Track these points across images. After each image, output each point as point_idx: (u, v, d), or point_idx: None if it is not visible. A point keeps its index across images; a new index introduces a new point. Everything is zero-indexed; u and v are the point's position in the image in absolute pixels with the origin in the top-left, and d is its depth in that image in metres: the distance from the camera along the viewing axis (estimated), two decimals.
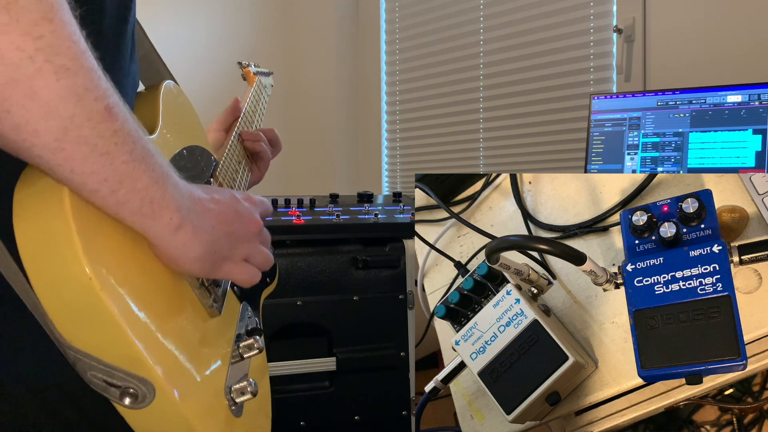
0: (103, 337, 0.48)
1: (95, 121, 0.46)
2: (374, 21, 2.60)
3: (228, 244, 0.59)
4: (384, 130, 2.60)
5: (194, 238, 0.54)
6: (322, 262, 1.48)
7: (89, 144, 0.46)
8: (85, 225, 0.48)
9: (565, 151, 2.01)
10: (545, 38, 2.04)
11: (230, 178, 0.81)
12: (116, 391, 0.49)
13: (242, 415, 0.63)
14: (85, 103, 0.45)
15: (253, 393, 0.62)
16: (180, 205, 0.52)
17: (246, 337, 0.69)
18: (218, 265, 0.58)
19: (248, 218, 0.62)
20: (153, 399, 0.50)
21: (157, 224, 0.51)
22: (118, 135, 0.47)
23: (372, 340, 1.51)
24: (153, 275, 0.54)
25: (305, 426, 1.46)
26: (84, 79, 0.45)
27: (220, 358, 0.62)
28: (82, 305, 0.47)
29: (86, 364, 0.48)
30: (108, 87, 0.48)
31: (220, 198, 0.59)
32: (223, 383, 0.61)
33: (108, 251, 0.49)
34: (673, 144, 1.52)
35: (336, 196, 1.72)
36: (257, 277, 0.63)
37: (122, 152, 0.48)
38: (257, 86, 1.10)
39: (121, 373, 0.49)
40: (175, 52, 2.32)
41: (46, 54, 0.43)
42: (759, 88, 1.41)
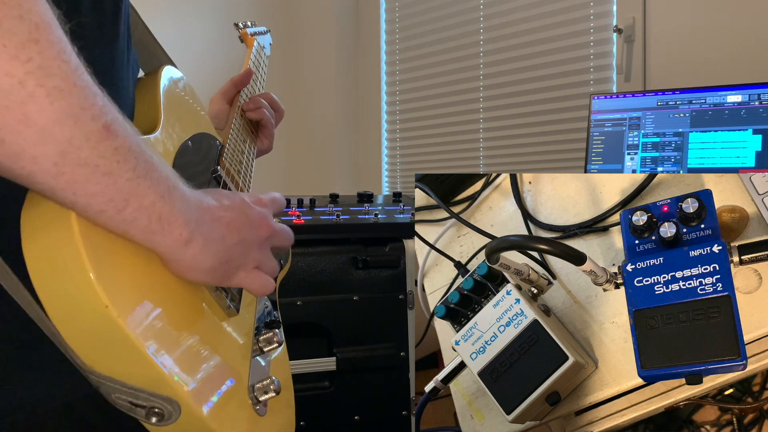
0: (125, 362, 0.48)
1: (94, 141, 0.45)
2: (374, 21, 2.60)
3: (240, 252, 0.58)
4: (384, 130, 2.60)
5: (205, 250, 0.53)
6: (322, 262, 1.48)
7: (90, 165, 0.44)
8: (95, 249, 0.47)
9: (565, 151, 2.01)
10: (545, 38, 2.04)
11: (236, 160, 0.80)
12: (142, 411, 0.49)
13: (266, 413, 0.63)
14: (82, 123, 0.44)
15: (276, 391, 0.62)
16: (189, 218, 0.51)
17: (265, 330, 0.69)
18: (231, 274, 0.58)
19: (259, 223, 0.61)
20: (179, 416, 0.50)
21: (166, 240, 0.50)
22: (119, 153, 0.46)
23: (372, 340, 1.51)
24: (168, 289, 0.53)
25: (305, 426, 1.46)
26: (78, 98, 0.44)
27: (240, 357, 0.62)
28: (100, 333, 0.46)
29: (110, 388, 0.48)
30: (105, 104, 0.46)
31: (230, 204, 0.58)
32: (246, 384, 0.61)
33: (120, 273, 0.48)
34: (673, 144, 1.52)
35: (336, 196, 1.72)
36: (271, 286, 0.62)
37: (125, 170, 0.46)
38: (256, 49, 1.08)
39: (146, 394, 0.48)
40: (175, 53, 2.31)
41: (36, 77, 0.41)
42: (759, 88, 1.41)
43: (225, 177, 0.73)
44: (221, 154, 0.75)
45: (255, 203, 0.62)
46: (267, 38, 1.19)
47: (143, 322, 0.48)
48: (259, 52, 1.09)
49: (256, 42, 1.11)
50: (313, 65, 2.65)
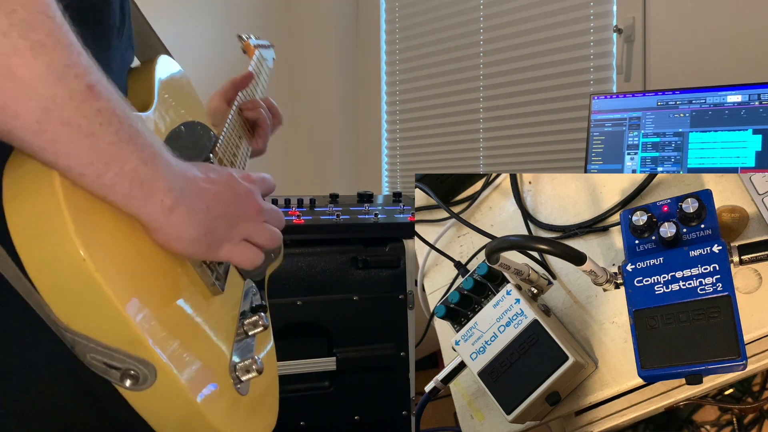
0: (101, 318, 0.47)
1: (78, 100, 0.44)
2: (374, 21, 2.60)
3: (225, 225, 0.57)
4: (384, 130, 2.60)
5: (188, 219, 0.52)
6: (322, 262, 1.48)
7: (73, 125, 0.44)
8: (77, 206, 0.46)
9: (565, 151, 2.01)
10: (545, 38, 2.04)
11: (231, 153, 0.79)
12: (117, 373, 0.48)
13: (248, 393, 0.62)
14: (66, 81, 0.43)
15: (259, 370, 0.61)
16: (173, 185, 0.51)
17: (250, 314, 0.68)
18: (216, 247, 0.57)
19: (246, 197, 0.60)
20: (155, 380, 0.48)
21: (148, 206, 0.49)
22: (102, 115, 0.45)
23: (372, 340, 1.51)
24: (151, 255, 0.52)
25: (305, 426, 1.46)
26: (62, 55, 0.43)
27: (224, 336, 0.61)
28: (77, 286, 0.46)
29: (85, 347, 0.47)
30: (89, 64, 0.45)
31: (216, 177, 0.57)
32: (227, 361, 0.60)
33: (102, 231, 0.48)
34: (673, 144, 1.52)
35: (336, 196, 1.72)
36: (258, 258, 0.61)
37: (108, 133, 0.46)
38: (257, 59, 1.08)
39: (121, 355, 0.47)
40: (174, 53, 2.32)
41: (20, 29, 0.41)
42: (759, 88, 1.41)
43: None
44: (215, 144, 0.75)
45: (243, 179, 0.61)
46: (270, 52, 1.19)
47: (121, 281, 0.47)
48: (260, 61, 1.09)
49: (257, 52, 1.11)
50: (313, 65, 2.65)
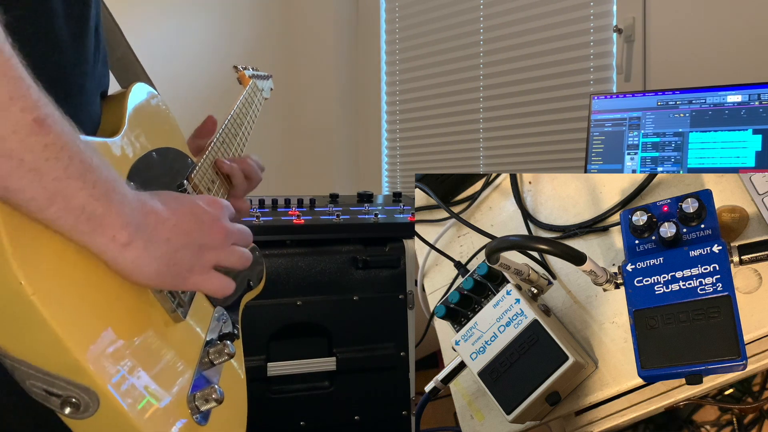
0: (39, 344, 0.45)
1: (22, 134, 0.43)
2: (374, 21, 2.60)
3: (190, 255, 0.56)
4: (384, 130, 2.60)
5: (146, 254, 0.51)
6: (322, 262, 1.48)
7: (15, 158, 0.43)
8: (17, 227, 0.45)
9: (565, 151, 2.01)
10: (545, 38, 2.04)
11: (209, 180, 0.78)
12: (57, 400, 0.46)
13: (208, 424, 0.60)
14: (9, 114, 0.42)
15: (218, 400, 0.59)
16: (128, 221, 0.50)
17: (217, 342, 0.66)
18: (183, 277, 0.56)
19: (211, 224, 0.59)
20: (97, 408, 0.47)
21: (97, 241, 0.49)
22: (49, 149, 0.44)
23: (372, 340, 1.51)
24: (101, 280, 0.51)
25: (305, 426, 1.46)
26: (8, 88, 0.42)
27: (183, 365, 0.60)
28: (14, 310, 0.44)
29: (24, 373, 0.46)
30: (39, 98, 0.45)
31: (178, 207, 0.56)
32: (186, 391, 0.58)
33: (43, 256, 0.46)
34: (673, 144, 1.52)
35: (336, 196, 1.72)
36: (229, 287, 0.60)
37: (54, 168, 0.45)
38: (251, 89, 1.07)
39: (62, 382, 0.46)
40: (174, 53, 2.32)
41: None
42: (759, 88, 1.41)
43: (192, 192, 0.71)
44: (191, 172, 0.73)
45: (208, 205, 0.60)
46: (268, 83, 1.18)
47: (61, 304, 0.46)
48: (254, 91, 1.08)
49: (252, 82, 1.09)
50: (313, 65, 2.65)
